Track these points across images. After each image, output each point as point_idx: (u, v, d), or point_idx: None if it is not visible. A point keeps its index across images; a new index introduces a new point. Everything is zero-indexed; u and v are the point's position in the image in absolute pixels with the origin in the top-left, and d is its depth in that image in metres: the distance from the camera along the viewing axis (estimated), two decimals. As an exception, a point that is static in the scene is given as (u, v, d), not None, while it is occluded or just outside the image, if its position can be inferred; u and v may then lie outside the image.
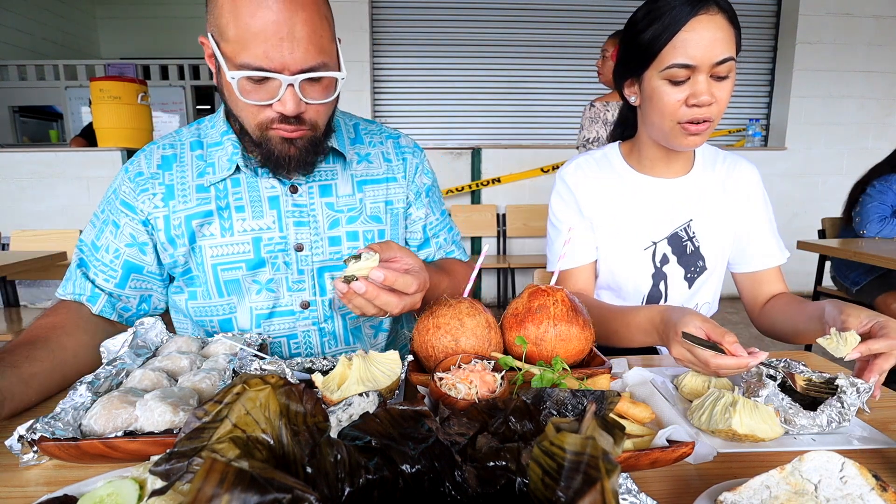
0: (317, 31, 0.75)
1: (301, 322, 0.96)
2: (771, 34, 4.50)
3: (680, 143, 0.96)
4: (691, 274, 1.10)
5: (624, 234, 1.09)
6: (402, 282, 0.71)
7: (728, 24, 0.88)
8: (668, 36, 0.89)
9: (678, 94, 0.91)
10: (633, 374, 0.71)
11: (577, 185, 1.11)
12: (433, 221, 1.08)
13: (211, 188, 0.91)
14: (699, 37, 0.87)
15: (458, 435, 0.41)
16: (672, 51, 0.89)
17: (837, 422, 0.62)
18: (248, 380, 0.33)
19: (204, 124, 0.97)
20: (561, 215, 1.14)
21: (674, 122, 0.94)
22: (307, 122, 0.81)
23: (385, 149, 1.03)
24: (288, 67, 0.74)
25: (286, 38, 0.72)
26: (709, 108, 0.91)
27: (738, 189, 1.09)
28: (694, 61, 0.87)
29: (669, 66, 0.89)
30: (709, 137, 0.96)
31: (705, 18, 0.87)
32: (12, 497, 0.51)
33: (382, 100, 4.43)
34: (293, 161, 0.84)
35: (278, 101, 0.76)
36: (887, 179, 2.52)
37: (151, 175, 0.91)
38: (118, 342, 0.75)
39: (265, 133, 0.81)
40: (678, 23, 0.87)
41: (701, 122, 0.92)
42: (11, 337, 2.05)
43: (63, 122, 6.18)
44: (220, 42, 0.76)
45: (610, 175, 1.12)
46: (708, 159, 1.11)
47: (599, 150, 1.17)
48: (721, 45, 0.87)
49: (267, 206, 0.92)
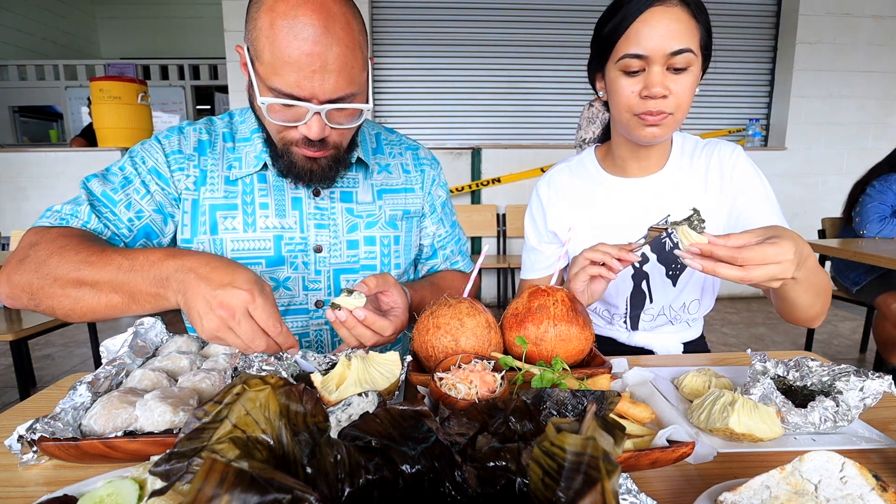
0: (349, 64, 0.76)
1: (314, 321, 0.98)
2: (771, 34, 4.50)
3: (639, 135, 0.95)
4: (673, 271, 1.08)
5: (599, 237, 1.06)
6: (379, 325, 0.78)
7: (688, 16, 0.87)
8: (624, 27, 0.89)
9: (633, 85, 0.90)
10: (633, 374, 0.71)
11: (549, 200, 1.14)
12: (442, 234, 1.13)
13: (238, 182, 0.93)
14: (651, 27, 0.86)
15: (458, 435, 0.41)
16: (625, 41, 0.89)
17: (833, 420, 0.62)
18: (247, 380, 0.33)
19: (235, 118, 0.98)
20: (528, 230, 1.20)
21: (631, 114, 0.93)
22: (330, 144, 0.84)
23: (404, 160, 1.07)
24: (317, 97, 0.76)
25: (318, 70, 0.74)
26: (664, 101, 0.89)
27: (722, 174, 1.05)
28: (646, 51, 0.87)
29: (622, 57, 0.89)
30: (670, 131, 0.95)
31: (660, 10, 0.86)
32: (12, 497, 0.51)
33: (382, 100, 4.43)
34: (315, 176, 0.87)
35: (304, 125, 0.79)
36: (887, 179, 2.52)
37: (188, 156, 0.92)
38: (118, 342, 0.75)
39: (289, 149, 0.84)
40: (633, 14, 0.88)
41: (658, 114, 0.90)
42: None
43: (63, 122, 6.18)
44: (254, 60, 0.78)
45: (584, 180, 1.12)
46: (686, 152, 1.08)
47: (577, 156, 1.18)
48: (676, 36, 0.86)
49: (290, 206, 0.94)
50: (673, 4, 0.87)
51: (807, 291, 0.82)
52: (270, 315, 0.67)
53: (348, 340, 0.79)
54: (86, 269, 0.72)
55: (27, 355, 2.26)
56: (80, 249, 0.74)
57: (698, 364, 0.88)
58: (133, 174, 0.89)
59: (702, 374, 0.75)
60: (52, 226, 0.83)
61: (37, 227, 0.82)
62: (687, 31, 0.87)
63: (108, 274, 0.71)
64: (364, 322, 0.77)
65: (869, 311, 2.96)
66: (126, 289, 0.71)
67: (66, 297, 0.73)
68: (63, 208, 0.85)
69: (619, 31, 0.90)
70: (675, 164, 1.07)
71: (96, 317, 0.75)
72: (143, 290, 0.70)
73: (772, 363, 0.71)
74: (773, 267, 0.67)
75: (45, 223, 0.83)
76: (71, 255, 0.73)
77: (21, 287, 0.75)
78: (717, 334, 3.52)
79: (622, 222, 1.07)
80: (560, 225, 1.12)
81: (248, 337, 0.65)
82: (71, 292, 0.73)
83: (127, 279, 0.70)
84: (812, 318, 0.91)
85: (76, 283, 0.72)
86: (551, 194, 1.14)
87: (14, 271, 0.76)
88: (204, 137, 0.94)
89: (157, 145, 0.91)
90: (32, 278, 0.74)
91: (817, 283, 0.83)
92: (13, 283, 0.76)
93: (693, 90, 0.91)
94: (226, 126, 0.97)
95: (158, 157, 0.90)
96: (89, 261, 0.73)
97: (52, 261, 0.73)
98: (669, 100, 0.89)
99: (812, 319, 0.92)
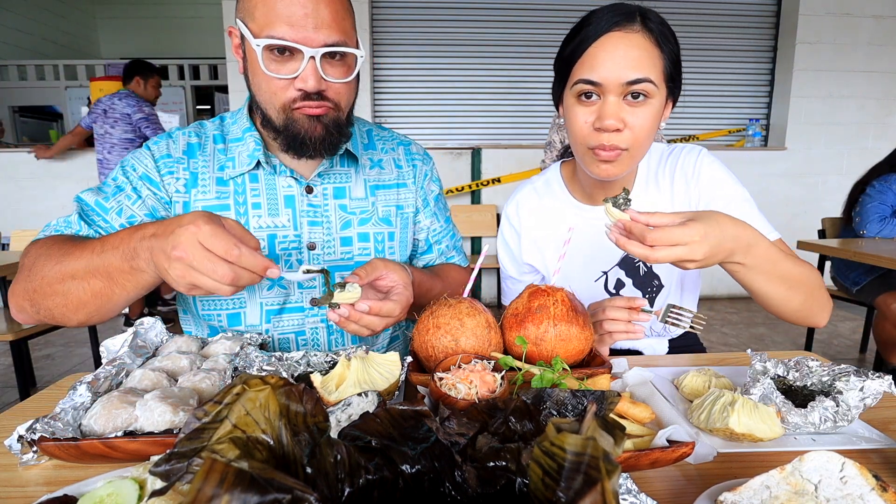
0: (339, 14, 0.80)
1: (310, 319, 0.98)
2: (771, 34, 4.50)
3: (593, 171, 0.88)
4: (649, 294, 1.05)
5: (572, 267, 1.04)
6: (386, 309, 0.77)
7: (650, 44, 0.81)
8: (581, 50, 0.83)
9: (586, 115, 0.84)
10: (633, 374, 0.71)
11: (521, 229, 1.10)
12: (437, 229, 1.12)
13: (230, 182, 0.93)
14: (608, 53, 0.80)
15: (458, 435, 0.41)
16: (580, 66, 0.83)
17: (833, 420, 0.62)
18: (247, 380, 0.33)
19: (226, 121, 0.99)
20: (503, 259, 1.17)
21: (584, 147, 0.87)
22: (330, 99, 0.84)
23: (396, 155, 1.07)
24: (310, 41, 0.78)
25: (310, 14, 0.77)
26: (618, 135, 0.82)
27: (687, 185, 0.98)
28: (600, 79, 0.81)
29: (577, 82, 0.83)
30: (627, 168, 0.87)
31: (618, 35, 0.81)
32: (12, 497, 0.51)
33: (382, 100, 4.43)
34: (318, 141, 0.87)
35: (299, 78, 0.80)
36: (887, 179, 2.52)
37: (177, 159, 0.92)
38: (118, 342, 0.75)
39: (290, 115, 0.84)
40: (592, 37, 0.82)
41: (611, 149, 0.84)
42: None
43: (63, 122, 6.18)
44: (247, 23, 0.80)
45: (552, 207, 1.07)
46: (651, 170, 1.02)
47: (542, 176, 1.12)
48: (634, 65, 0.80)
49: (283, 204, 0.94)
50: (633, 30, 0.81)
51: (770, 281, 0.78)
52: (221, 237, 0.63)
53: (359, 333, 0.78)
54: (67, 262, 0.74)
55: (27, 355, 2.26)
56: (63, 247, 0.76)
57: (698, 364, 0.88)
58: (125, 182, 0.91)
59: (702, 374, 0.75)
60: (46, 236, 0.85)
61: (33, 242, 0.84)
62: (647, 60, 0.81)
63: (85, 260, 0.73)
64: (370, 312, 0.75)
65: (869, 311, 2.96)
66: (102, 270, 0.72)
67: (55, 294, 0.75)
68: (57, 221, 0.88)
69: (576, 55, 0.84)
70: (640, 186, 1.01)
71: (88, 310, 0.76)
72: (117, 268, 0.71)
73: (772, 363, 0.71)
74: (680, 248, 0.67)
75: (40, 237, 0.86)
76: (55, 252, 0.76)
77: (21, 296, 0.78)
78: (717, 334, 3.52)
79: (594, 250, 1.03)
80: (535, 258, 1.10)
81: (209, 269, 0.63)
82: (58, 288, 0.75)
83: (101, 261, 0.72)
84: (799, 314, 0.86)
85: (60, 277, 0.74)
86: (522, 223, 1.10)
87: (15, 284, 0.80)
88: (193, 140, 0.95)
89: (146, 152, 0.93)
90: (27, 285, 0.77)
91: (785, 274, 0.79)
92: (15, 295, 0.79)
93: (654, 125, 0.84)
94: (216, 129, 0.97)
95: (148, 163, 0.91)
96: (69, 252, 0.75)
97: (39, 263, 0.76)
98: (624, 134, 0.83)
99: (801, 315, 0.86)
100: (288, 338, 0.97)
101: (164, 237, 0.65)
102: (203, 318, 0.97)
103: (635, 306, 0.84)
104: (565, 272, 1.02)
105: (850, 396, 0.62)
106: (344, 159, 0.99)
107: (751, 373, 0.69)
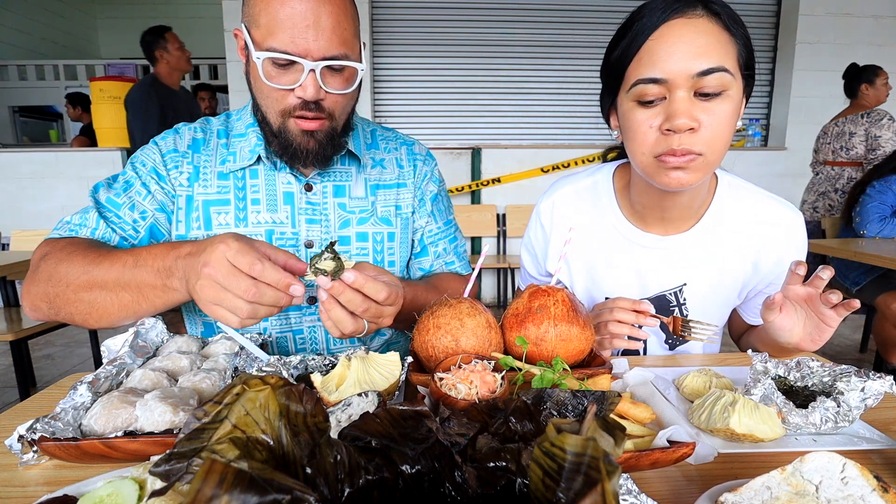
0: (341, 24, 0.80)
1: (307, 318, 0.98)
2: (771, 34, 4.50)
3: (662, 182, 0.75)
4: (673, 341, 0.96)
5: (600, 285, 0.94)
6: (370, 287, 0.68)
7: (719, 28, 0.70)
8: (636, 46, 0.72)
9: (651, 118, 0.72)
10: (633, 375, 0.71)
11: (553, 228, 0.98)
12: (432, 230, 1.09)
13: (230, 177, 0.93)
14: (670, 44, 0.69)
15: (458, 435, 0.41)
16: (638, 64, 0.72)
17: (834, 421, 0.62)
18: (247, 380, 0.33)
19: (232, 117, 1.00)
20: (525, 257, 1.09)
21: (650, 156, 0.74)
22: (326, 110, 0.84)
23: (399, 155, 1.07)
24: (311, 54, 0.78)
25: (312, 26, 0.77)
26: (692, 136, 0.70)
27: (767, 251, 0.86)
28: (664, 74, 0.69)
29: (636, 83, 0.71)
30: (703, 176, 0.74)
31: (680, 22, 0.69)
32: (12, 497, 0.51)
33: (382, 100, 4.43)
34: (311, 154, 0.87)
35: (299, 87, 0.80)
36: (887, 180, 2.52)
37: (182, 153, 0.94)
38: (119, 342, 0.75)
39: (286, 122, 0.84)
40: (647, 29, 0.71)
41: (683, 154, 0.71)
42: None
43: (63, 122, 6.19)
44: (251, 29, 0.80)
45: (595, 216, 0.94)
46: (726, 209, 0.87)
47: (590, 177, 0.96)
48: (704, 53, 0.68)
49: (282, 201, 0.95)
50: (696, 15, 0.69)
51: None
52: (247, 254, 0.63)
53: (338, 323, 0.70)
54: (94, 271, 0.74)
55: (27, 355, 2.26)
56: (88, 253, 0.77)
57: (699, 364, 0.88)
58: (134, 177, 0.92)
59: (702, 375, 0.75)
60: (61, 237, 0.86)
61: (48, 240, 0.85)
62: (717, 47, 0.69)
63: (116, 272, 0.73)
64: (354, 284, 0.67)
65: (869, 311, 2.96)
66: (134, 284, 0.73)
67: (80, 301, 0.76)
68: (73, 218, 0.88)
69: (630, 53, 0.73)
70: (711, 222, 0.87)
71: (112, 320, 0.77)
72: (149, 284, 0.72)
73: (773, 363, 0.71)
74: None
75: (55, 235, 0.87)
76: (79, 259, 0.76)
77: (39, 297, 0.78)
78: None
79: (632, 276, 0.92)
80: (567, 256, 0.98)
81: (233, 284, 0.62)
82: (84, 296, 0.75)
83: (133, 275, 0.72)
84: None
85: (87, 285, 0.75)
86: (554, 226, 0.97)
87: (30, 283, 0.79)
88: (199, 136, 0.96)
89: (154, 147, 0.94)
90: (47, 287, 0.77)
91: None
92: (31, 295, 0.79)
93: (732, 123, 0.72)
94: (221, 124, 0.98)
95: (156, 157, 0.93)
96: (97, 262, 0.75)
97: (62, 267, 0.76)
98: (699, 135, 0.70)
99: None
100: (285, 336, 0.97)
101: (197, 255, 0.67)
102: (199, 314, 0.98)
103: (641, 310, 0.82)
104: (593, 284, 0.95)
105: (852, 397, 0.62)
106: (345, 158, 0.99)
107: (752, 373, 0.69)
